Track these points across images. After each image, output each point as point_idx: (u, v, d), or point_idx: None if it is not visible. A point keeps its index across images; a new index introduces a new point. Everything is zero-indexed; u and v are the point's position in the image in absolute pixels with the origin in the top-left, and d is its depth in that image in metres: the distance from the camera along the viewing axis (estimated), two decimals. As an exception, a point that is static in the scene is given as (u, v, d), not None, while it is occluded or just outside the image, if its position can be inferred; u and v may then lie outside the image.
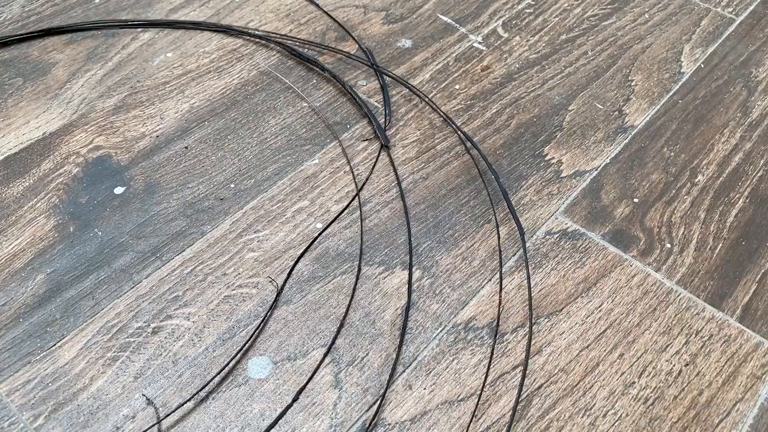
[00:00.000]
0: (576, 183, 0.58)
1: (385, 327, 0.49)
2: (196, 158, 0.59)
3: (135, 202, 0.56)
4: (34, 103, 0.63)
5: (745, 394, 0.46)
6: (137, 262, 0.52)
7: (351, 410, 0.45)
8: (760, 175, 0.60)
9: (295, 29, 0.71)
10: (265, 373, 0.46)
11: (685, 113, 0.64)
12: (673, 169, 0.60)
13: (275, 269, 0.52)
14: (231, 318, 0.49)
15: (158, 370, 0.46)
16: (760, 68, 0.69)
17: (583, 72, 0.68)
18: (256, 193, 0.57)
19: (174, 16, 0.72)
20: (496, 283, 0.51)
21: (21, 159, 0.59)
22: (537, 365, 0.47)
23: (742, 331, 0.49)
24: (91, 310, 0.49)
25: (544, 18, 0.74)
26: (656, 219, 0.56)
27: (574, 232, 0.55)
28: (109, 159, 0.59)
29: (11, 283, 0.51)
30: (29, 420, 0.44)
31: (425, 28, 0.72)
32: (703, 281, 0.52)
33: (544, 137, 0.62)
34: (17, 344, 0.47)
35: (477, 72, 0.68)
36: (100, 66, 0.67)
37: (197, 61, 0.68)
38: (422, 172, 0.59)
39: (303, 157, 0.60)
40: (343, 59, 0.68)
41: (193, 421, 0.44)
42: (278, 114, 0.63)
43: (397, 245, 0.53)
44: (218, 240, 0.54)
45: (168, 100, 0.64)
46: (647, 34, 0.72)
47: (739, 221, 0.56)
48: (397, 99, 0.65)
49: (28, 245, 0.53)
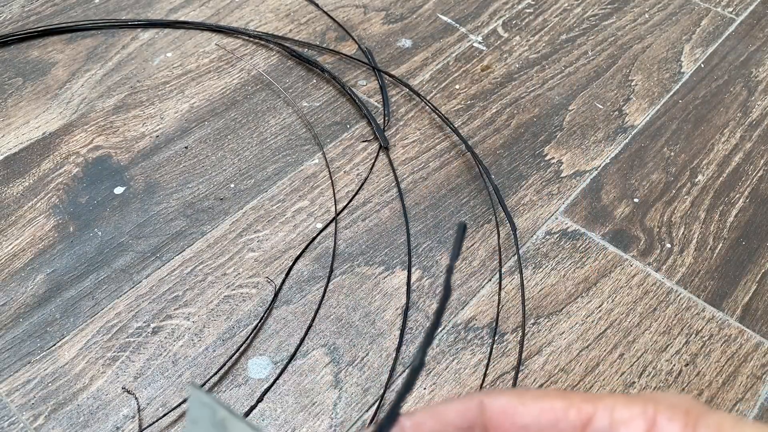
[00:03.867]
0: (576, 183, 0.58)
1: (385, 327, 0.49)
2: (196, 158, 0.59)
3: (135, 202, 0.56)
4: (33, 103, 0.63)
5: (746, 394, 0.46)
6: (137, 262, 0.52)
7: (351, 410, 0.45)
8: (760, 175, 0.60)
9: (295, 29, 0.71)
10: (265, 373, 0.46)
11: (685, 113, 0.64)
12: (673, 169, 0.60)
13: (275, 269, 0.52)
14: (231, 318, 0.49)
15: (158, 370, 0.46)
16: (760, 68, 0.69)
17: (583, 72, 0.68)
18: (256, 193, 0.57)
19: (174, 16, 0.72)
20: (496, 283, 0.51)
21: (21, 159, 0.59)
22: (537, 365, 0.47)
23: (742, 331, 0.49)
24: (91, 310, 0.49)
25: (544, 18, 0.74)
26: (656, 219, 0.56)
27: (574, 232, 0.55)
28: (109, 159, 0.59)
29: (11, 283, 0.51)
30: (29, 420, 0.44)
31: (425, 28, 0.72)
32: (703, 281, 0.52)
33: (544, 137, 0.62)
34: (17, 344, 0.47)
35: (477, 72, 0.68)
36: (100, 66, 0.67)
37: (197, 61, 0.68)
38: (422, 172, 0.59)
39: (303, 157, 0.60)
40: (342, 59, 0.68)
41: (193, 421, 0.44)
42: (278, 114, 0.63)
43: (397, 245, 0.53)
44: (218, 240, 0.54)
45: (168, 100, 0.64)
46: (647, 33, 0.72)
47: (740, 221, 0.56)
48: (397, 99, 0.65)
49: (28, 245, 0.53)
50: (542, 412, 0.19)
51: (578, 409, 0.19)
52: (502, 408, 0.20)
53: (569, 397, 0.19)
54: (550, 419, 0.19)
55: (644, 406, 0.19)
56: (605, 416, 0.19)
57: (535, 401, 0.19)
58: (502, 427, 0.20)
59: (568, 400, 0.19)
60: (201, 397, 0.18)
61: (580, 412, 0.19)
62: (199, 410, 0.18)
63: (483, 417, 0.20)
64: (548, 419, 0.19)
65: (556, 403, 0.19)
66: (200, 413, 0.18)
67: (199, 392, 0.18)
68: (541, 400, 0.19)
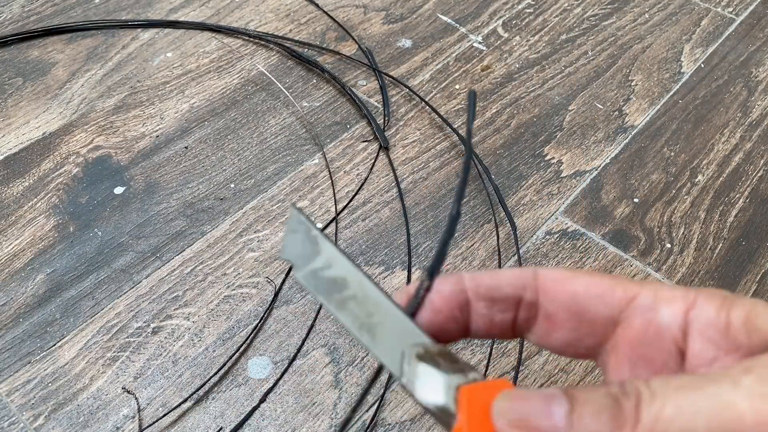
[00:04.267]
0: (576, 183, 0.58)
1: (385, 327, 0.49)
2: (196, 158, 0.59)
3: (135, 202, 0.56)
4: (34, 103, 0.63)
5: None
6: (137, 262, 0.52)
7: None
8: (760, 175, 0.60)
9: (295, 29, 0.71)
10: (265, 373, 0.46)
11: (685, 113, 0.64)
12: (673, 169, 0.60)
13: (275, 269, 0.52)
14: (231, 318, 0.49)
15: (158, 370, 0.46)
16: (760, 68, 0.69)
17: (583, 72, 0.68)
18: (256, 193, 0.57)
19: (174, 16, 0.72)
20: (496, 283, 0.51)
21: (21, 159, 0.59)
22: (537, 365, 0.47)
23: (742, 331, 0.49)
24: (91, 310, 0.49)
25: (544, 18, 0.74)
26: (656, 219, 0.56)
27: (574, 232, 0.55)
28: (109, 159, 0.59)
29: (11, 283, 0.51)
30: (29, 420, 0.44)
31: (425, 28, 0.72)
32: (703, 281, 0.52)
33: (544, 137, 0.62)
34: (17, 344, 0.47)
35: (477, 72, 0.68)
36: (100, 66, 0.67)
37: (197, 61, 0.68)
38: (422, 172, 0.59)
39: (303, 157, 0.60)
40: (342, 59, 0.68)
41: (193, 420, 0.44)
42: (278, 114, 0.63)
43: (397, 245, 0.53)
44: (218, 240, 0.54)
45: (168, 100, 0.64)
46: (647, 34, 0.72)
47: (739, 221, 0.56)
48: (397, 99, 0.65)
49: (28, 245, 0.53)
50: (591, 284, 0.21)
51: (624, 288, 0.21)
52: (555, 277, 0.21)
53: (617, 278, 0.21)
54: (597, 291, 0.21)
55: (686, 292, 0.20)
56: (649, 295, 0.20)
57: (585, 276, 0.21)
58: (553, 292, 0.21)
59: (617, 280, 0.21)
60: (299, 216, 0.22)
61: (626, 291, 0.21)
62: (298, 225, 0.22)
63: (536, 282, 0.22)
64: (596, 291, 0.21)
65: (605, 280, 0.21)
66: (298, 227, 0.22)
67: (298, 213, 0.22)
68: (591, 276, 0.21)
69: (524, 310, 0.22)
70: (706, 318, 0.19)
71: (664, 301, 0.20)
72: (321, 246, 0.22)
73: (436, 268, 0.20)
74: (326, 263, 0.22)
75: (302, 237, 0.22)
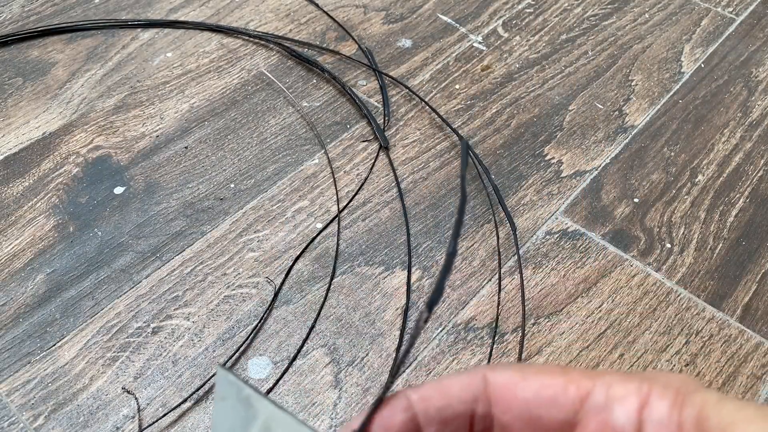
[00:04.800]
0: (576, 183, 0.58)
1: (385, 327, 0.49)
2: (196, 158, 0.59)
3: (135, 202, 0.56)
4: (33, 103, 0.63)
5: (746, 394, 0.46)
6: (137, 262, 0.52)
7: (351, 410, 0.45)
8: (760, 175, 0.60)
9: (295, 29, 0.71)
10: (265, 373, 0.46)
11: (685, 113, 0.64)
12: (673, 169, 0.60)
13: (275, 269, 0.52)
14: (231, 318, 0.49)
15: (158, 370, 0.46)
16: (760, 68, 0.69)
17: (583, 72, 0.68)
18: (256, 193, 0.57)
19: (174, 16, 0.72)
20: (496, 284, 0.51)
21: (21, 159, 0.59)
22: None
23: (742, 331, 0.49)
24: (91, 310, 0.49)
25: (544, 18, 0.74)
26: (656, 219, 0.56)
27: (574, 232, 0.55)
28: (109, 159, 0.59)
29: (11, 283, 0.51)
30: (29, 420, 0.44)
31: (425, 28, 0.72)
32: (703, 281, 0.52)
33: (544, 137, 0.62)
34: (17, 344, 0.47)
35: (477, 72, 0.68)
36: (100, 66, 0.67)
37: (197, 61, 0.68)
38: (422, 172, 0.59)
39: (303, 157, 0.60)
40: (342, 59, 0.68)
41: (193, 420, 0.44)
42: (278, 114, 0.63)
43: (397, 245, 0.53)
44: (218, 240, 0.54)
45: (168, 100, 0.64)
46: (647, 33, 0.72)
47: (740, 221, 0.56)
48: (397, 99, 0.65)
49: (28, 245, 0.53)
50: (543, 387, 0.20)
51: (577, 385, 0.20)
52: (504, 382, 0.20)
53: (569, 373, 0.20)
54: (550, 394, 0.20)
55: (640, 384, 0.19)
56: (602, 392, 0.20)
57: (536, 376, 0.20)
58: (504, 400, 0.20)
59: (568, 376, 0.20)
60: (227, 376, 0.20)
61: (579, 388, 0.20)
62: (226, 388, 0.20)
63: (486, 390, 0.20)
64: (548, 394, 0.20)
65: (556, 379, 0.20)
66: (227, 391, 0.20)
67: (225, 372, 0.20)
68: (542, 375, 0.20)
69: (479, 423, 0.21)
70: (658, 418, 0.19)
71: (616, 400, 0.19)
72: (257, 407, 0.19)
73: (435, 301, 0.20)
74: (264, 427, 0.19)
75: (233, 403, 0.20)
